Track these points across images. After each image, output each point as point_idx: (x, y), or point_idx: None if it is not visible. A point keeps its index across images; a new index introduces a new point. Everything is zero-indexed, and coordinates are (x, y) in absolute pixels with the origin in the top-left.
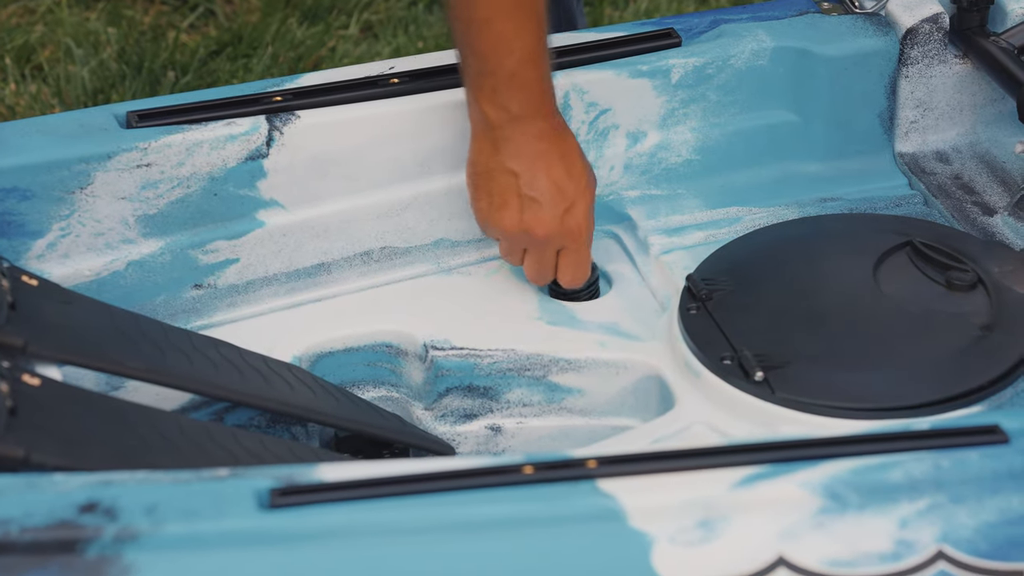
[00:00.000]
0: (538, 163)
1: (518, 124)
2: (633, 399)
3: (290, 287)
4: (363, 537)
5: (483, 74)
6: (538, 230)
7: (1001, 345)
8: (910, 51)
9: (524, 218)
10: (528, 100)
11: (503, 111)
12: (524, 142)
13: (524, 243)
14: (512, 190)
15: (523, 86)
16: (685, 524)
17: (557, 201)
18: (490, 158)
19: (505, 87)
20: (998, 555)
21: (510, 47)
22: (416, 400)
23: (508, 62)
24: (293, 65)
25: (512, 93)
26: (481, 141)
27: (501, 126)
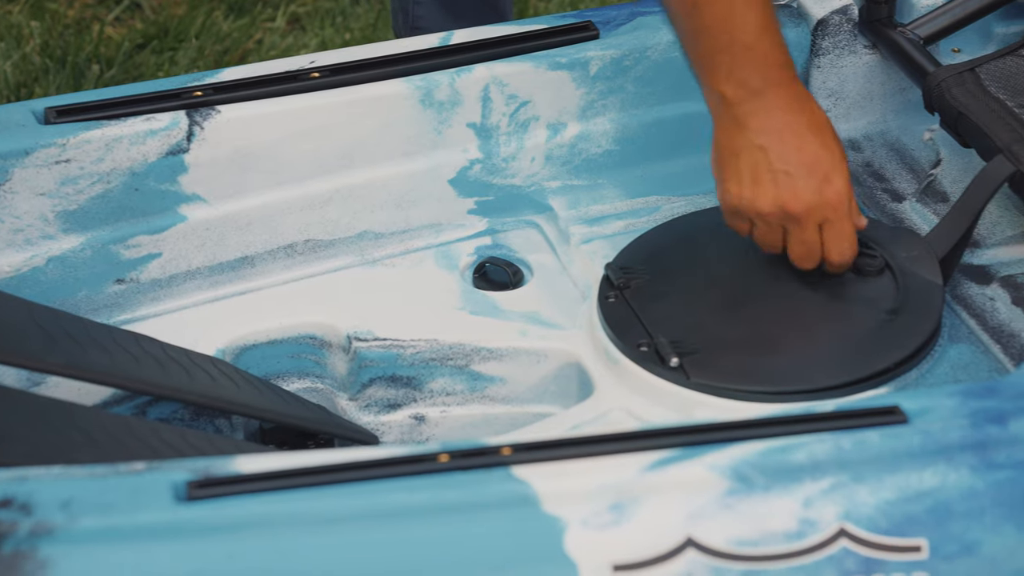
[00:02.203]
0: (787, 135)
1: (760, 98)
2: (554, 386)
3: (213, 281)
4: (279, 528)
5: (716, 52)
6: (794, 205)
7: (906, 329)
8: (821, 42)
9: (779, 194)
10: (768, 71)
11: (742, 87)
12: (769, 115)
13: (782, 222)
14: (763, 166)
15: (760, 57)
16: (597, 508)
17: (813, 172)
18: (735, 137)
19: (742, 61)
20: (897, 531)
21: (743, 19)
22: (340, 391)
23: (741, 35)
24: (219, 58)
25: (750, 66)
26: (723, 121)
27: (742, 102)
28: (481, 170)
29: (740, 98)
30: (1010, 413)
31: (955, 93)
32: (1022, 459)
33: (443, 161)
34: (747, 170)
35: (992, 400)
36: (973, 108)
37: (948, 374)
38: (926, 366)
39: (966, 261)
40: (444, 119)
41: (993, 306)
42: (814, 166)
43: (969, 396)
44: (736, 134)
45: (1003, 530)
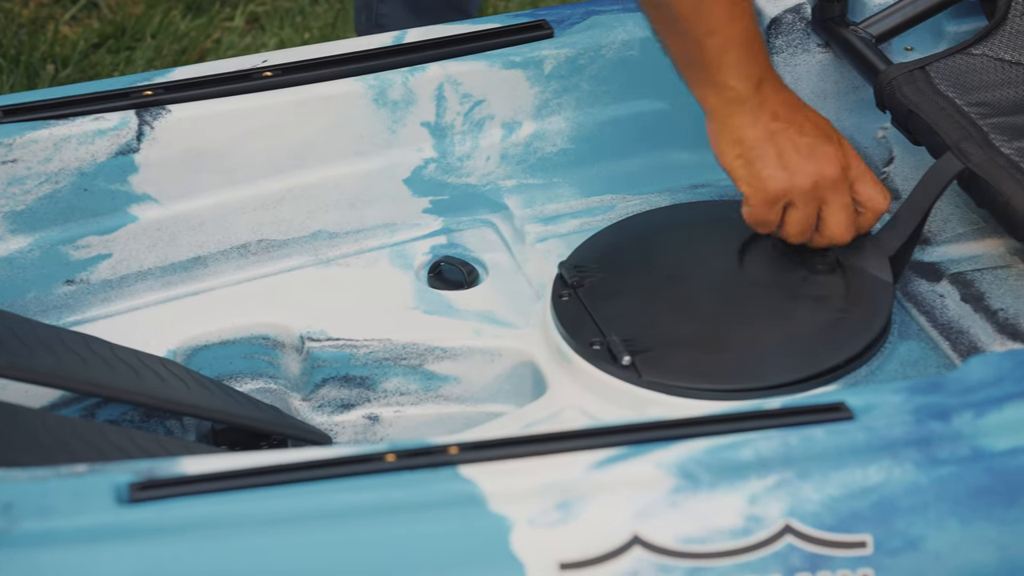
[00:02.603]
0: (795, 111)
1: (765, 83)
2: (508, 385)
3: (165, 281)
4: (223, 529)
5: (725, 49)
6: (829, 168)
7: (856, 326)
8: (775, 40)
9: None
10: (764, 58)
11: (749, 78)
12: (775, 98)
13: (823, 191)
14: (790, 144)
15: (758, 47)
16: (544, 507)
17: (829, 136)
18: (755, 127)
19: (746, 52)
20: (842, 527)
21: (742, 11)
22: (294, 391)
23: (743, 25)
24: (177, 58)
25: (753, 56)
26: (737, 117)
27: (752, 93)
28: (436, 169)
29: (750, 89)
30: (953, 409)
31: (905, 91)
32: (965, 455)
33: (397, 160)
34: (780, 153)
35: (936, 396)
36: (923, 106)
37: (898, 371)
38: (876, 363)
39: (917, 258)
40: (398, 118)
41: (943, 303)
42: (827, 132)
43: (914, 392)
44: (753, 124)
45: (947, 525)
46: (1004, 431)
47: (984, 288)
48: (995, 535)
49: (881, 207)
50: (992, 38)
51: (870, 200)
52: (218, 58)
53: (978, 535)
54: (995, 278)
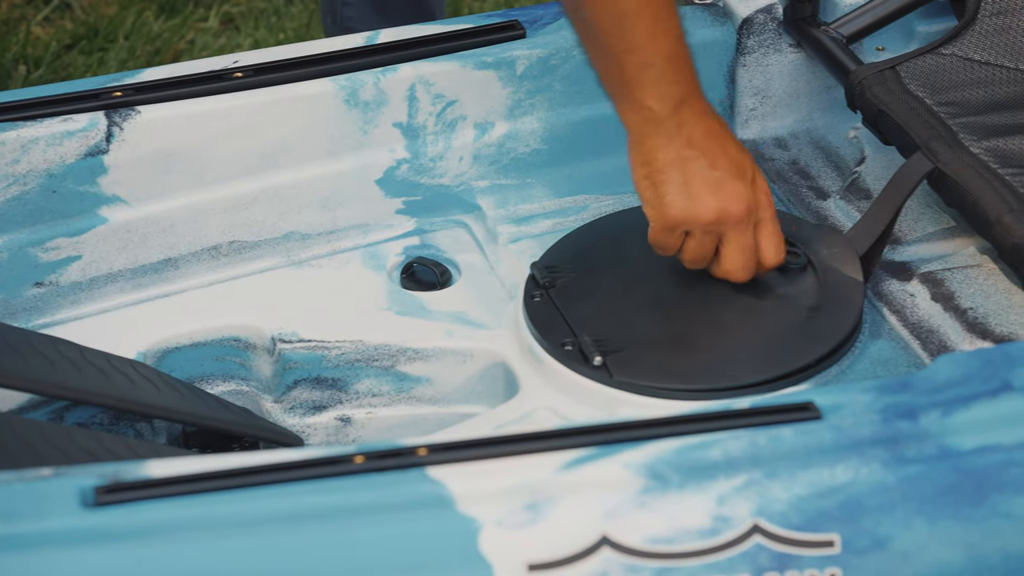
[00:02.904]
0: (713, 141)
1: (684, 107)
2: (480, 386)
3: (136, 283)
4: (189, 532)
5: (643, 67)
6: (736, 206)
7: (827, 325)
8: (746, 41)
9: (719, 199)
10: (687, 79)
11: (667, 99)
12: (694, 124)
13: (723, 227)
14: (699, 175)
15: (682, 66)
16: (512, 508)
17: (743, 172)
18: (666, 151)
19: (666, 72)
20: (809, 527)
21: (664, 29)
22: (265, 393)
23: (664, 45)
24: (150, 59)
25: (674, 76)
26: (652, 138)
27: (669, 115)
28: (408, 170)
29: (668, 110)
30: (921, 408)
31: (876, 91)
32: (932, 454)
33: (370, 161)
34: (687, 181)
35: (904, 395)
36: (893, 106)
37: (868, 370)
38: (847, 362)
39: (887, 257)
40: (370, 119)
41: (913, 302)
42: (741, 169)
43: (882, 392)
44: (667, 147)
45: (913, 524)
46: (971, 430)
47: (954, 287)
48: (962, 534)
49: (768, 261)
50: (962, 38)
51: (762, 251)
52: (192, 59)
53: (945, 534)
54: (965, 277)
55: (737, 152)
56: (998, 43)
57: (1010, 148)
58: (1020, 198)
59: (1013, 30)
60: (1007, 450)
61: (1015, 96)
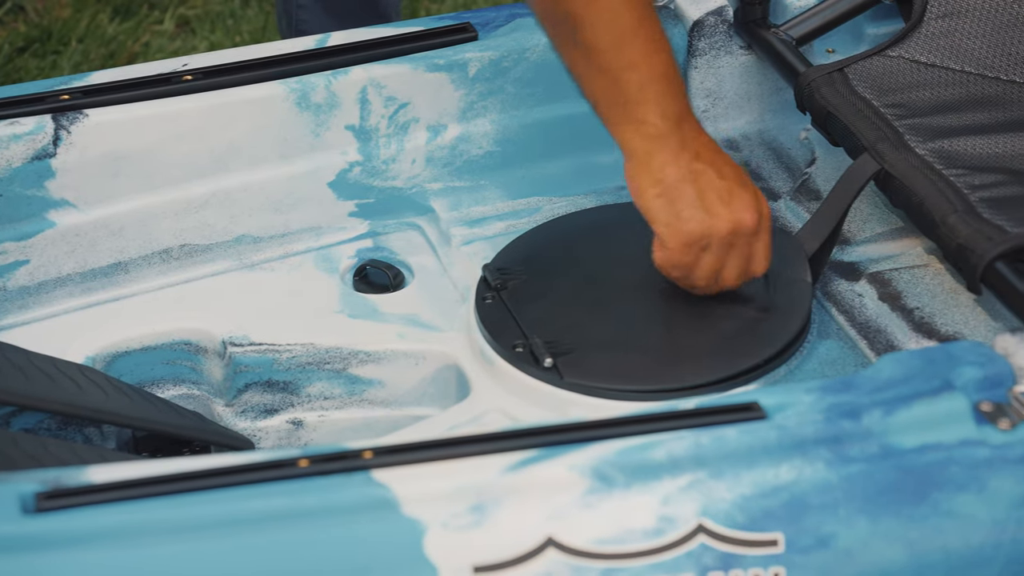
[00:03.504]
0: (715, 154)
1: (684, 122)
2: (433, 389)
3: (85, 287)
4: (132, 538)
5: (643, 85)
6: (749, 215)
7: (776, 326)
8: (698, 43)
9: (734, 208)
10: (683, 96)
11: (668, 116)
12: (695, 138)
13: (735, 239)
14: (710, 186)
15: (678, 83)
16: (457, 510)
17: (746, 182)
18: (676, 166)
19: (667, 87)
20: (754, 526)
21: (657, 47)
22: (216, 397)
23: (661, 62)
24: (104, 62)
25: (673, 92)
26: (659, 155)
27: (672, 130)
28: (361, 172)
29: (669, 127)
30: (864, 407)
31: (824, 93)
32: (874, 453)
33: (322, 164)
34: (702, 195)
35: (847, 395)
36: (841, 107)
37: (816, 370)
38: (795, 362)
39: (836, 258)
40: (321, 121)
41: (861, 302)
42: (743, 178)
43: (826, 391)
44: (675, 163)
45: (856, 523)
46: (912, 428)
47: (901, 287)
48: (904, 532)
49: (755, 271)
50: (908, 40)
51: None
52: (147, 62)
53: (887, 532)
54: (912, 277)
55: (734, 163)
56: (943, 45)
57: (955, 149)
58: (964, 199)
59: (958, 33)
60: (947, 448)
61: (960, 98)
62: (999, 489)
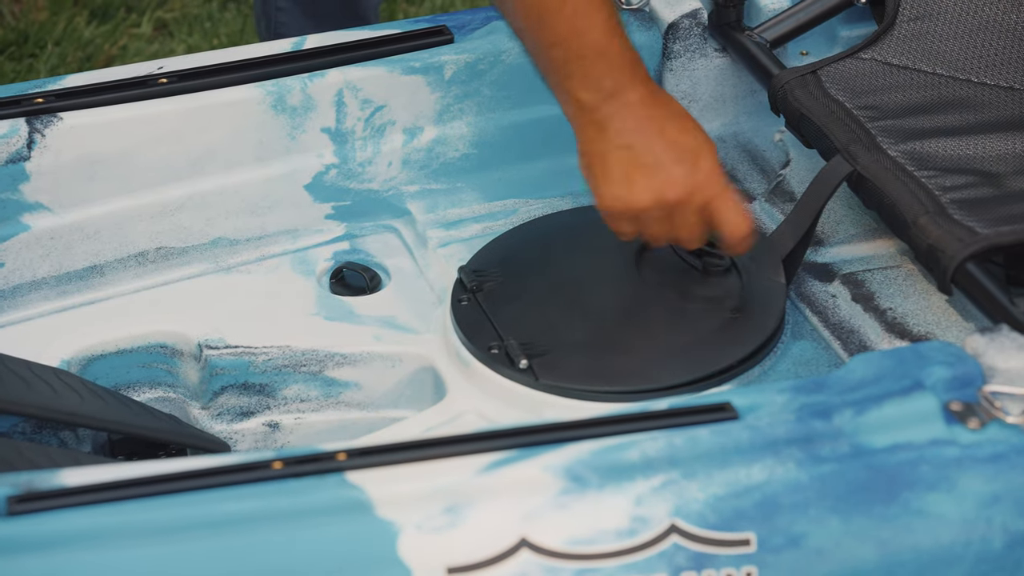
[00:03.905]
0: (648, 129)
1: (616, 98)
2: (409, 391)
3: (60, 291)
4: (105, 541)
5: (569, 60)
6: (671, 192)
7: (749, 327)
8: (672, 45)
9: (654, 186)
10: (619, 72)
11: (597, 91)
12: (627, 114)
13: (665, 212)
14: (631, 164)
15: (611, 58)
16: (431, 511)
17: (681, 158)
18: (598, 141)
19: (594, 64)
20: (726, 526)
21: (591, 22)
22: (193, 400)
23: (591, 38)
24: (82, 65)
25: (603, 68)
26: (584, 128)
27: (599, 106)
28: (337, 175)
29: (597, 102)
30: (835, 407)
31: (797, 95)
32: (845, 452)
33: (298, 166)
34: (617, 171)
35: (819, 395)
36: (814, 109)
37: (790, 370)
38: (768, 363)
39: (810, 259)
40: (297, 124)
41: (835, 303)
42: (681, 153)
43: (798, 392)
44: (599, 138)
45: (828, 522)
46: (883, 428)
47: (874, 288)
48: (875, 531)
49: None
50: (881, 43)
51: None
52: (124, 65)
53: (858, 531)
54: (885, 278)
55: (679, 136)
56: (915, 48)
57: (926, 151)
58: (935, 200)
59: (930, 35)
60: (918, 448)
61: (932, 100)
62: (968, 488)
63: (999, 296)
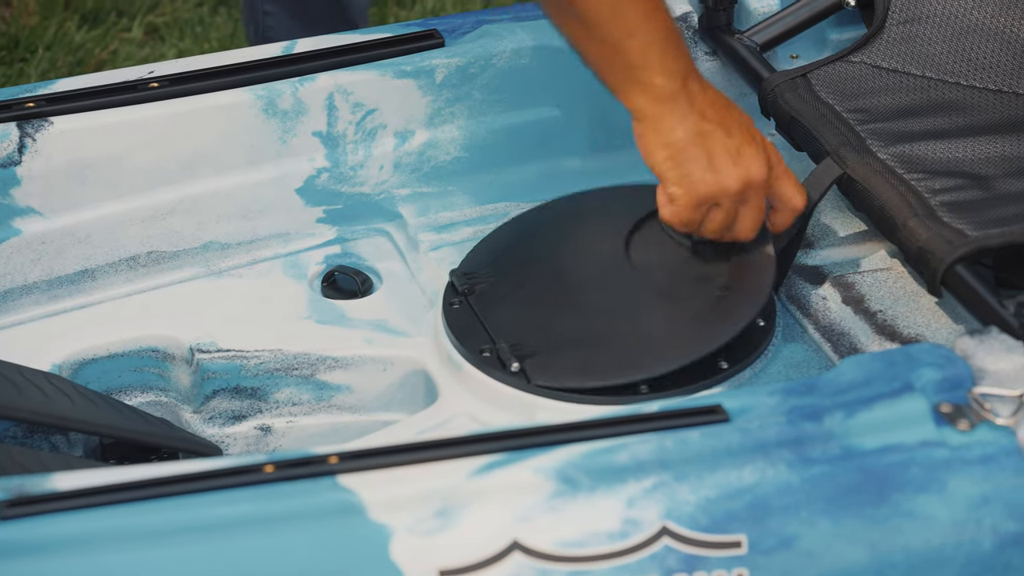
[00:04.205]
0: (722, 111)
1: (691, 79)
2: (401, 394)
3: (52, 295)
4: (97, 545)
5: (645, 48)
6: (757, 171)
7: (739, 303)
8: None
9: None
10: (685, 54)
11: (674, 75)
12: (703, 95)
13: (745, 196)
14: (719, 145)
15: (679, 42)
16: (423, 514)
17: (754, 136)
18: (684, 126)
19: (667, 49)
20: (717, 528)
21: (656, 8)
22: (184, 404)
23: (660, 23)
24: (72, 69)
25: (675, 52)
26: (667, 117)
27: (679, 90)
28: (329, 179)
29: (676, 86)
30: (825, 409)
31: (787, 98)
32: (836, 454)
33: (289, 170)
34: (709, 155)
35: (810, 397)
36: (804, 112)
37: (781, 372)
38: (760, 365)
39: (801, 262)
40: (288, 128)
41: (825, 305)
42: (752, 131)
43: (789, 394)
44: (684, 121)
45: (818, 524)
46: (873, 430)
47: (864, 290)
48: (865, 532)
49: (798, 206)
50: (870, 46)
51: (789, 200)
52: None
53: (849, 533)
54: (875, 280)
55: (742, 116)
56: (905, 51)
57: (916, 153)
58: (925, 203)
59: (919, 38)
60: (908, 450)
61: (921, 103)
62: (958, 490)
63: (988, 298)
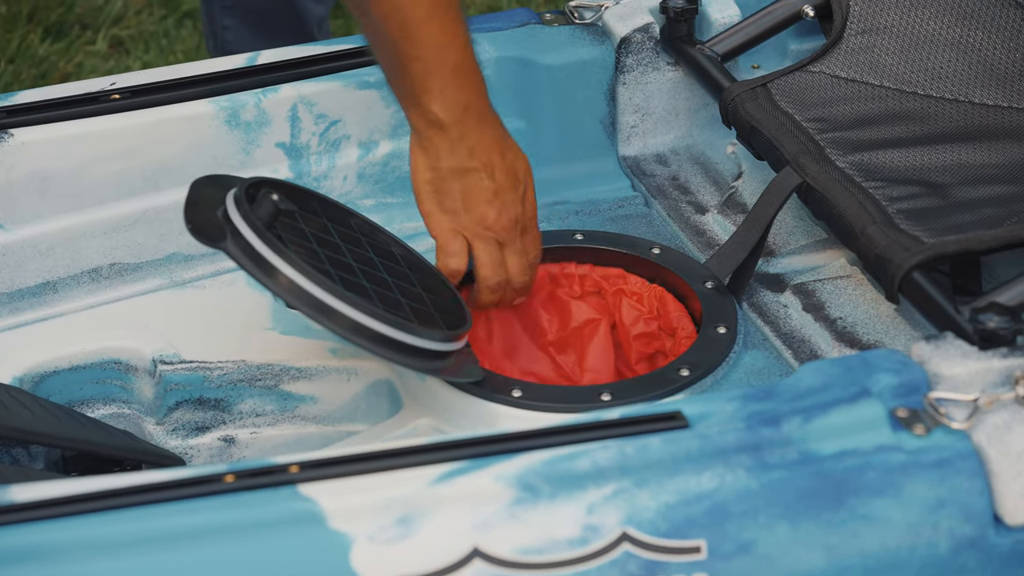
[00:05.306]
0: (493, 151)
1: (469, 117)
2: (365, 404)
3: (12, 307)
4: (55, 557)
5: (428, 75)
6: (506, 218)
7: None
8: (625, 59)
9: (495, 208)
10: (473, 87)
11: (453, 108)
12: (478, 134)
13: (499, 238)
14: (478, 185)
15: (468, 75)
16: (384, 522)
17: (517, 184)
18: (448, 159)
19: (452, 81)
20: (677, 534)
21: (451, 40)
22: (147, 415)
23: (451, 55)
24: (36, 82)
25: (460, 85)
26: (434, 146)
27: (453, 124)
28: None
29: (452, 119)
30: (784, 415)
31: (748, 108)
32: (794, 459)
33: None
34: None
35: (768, 403)
36: (764, 122)
37: (742, 379)
38: (721, 372)
39: (762, 270)
40: (252, 139)
41: (786, 313)
42: (517, 178)
43: (747, 400)
44: (449, 156)
45: (777, 528)
46: (830, 435)
47: (825, 298)
48: (823, 536)
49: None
50: (829, 56)
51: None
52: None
53: (807, 537)
54: (835, 288)
55: (514, 161)
56: (863, 61)
57: (874, 162)
58: (883, 210)
59: (877, 48)
60: (864, 454)
61: (879, 112)
62: (914, 494)
63: (944, 304)
